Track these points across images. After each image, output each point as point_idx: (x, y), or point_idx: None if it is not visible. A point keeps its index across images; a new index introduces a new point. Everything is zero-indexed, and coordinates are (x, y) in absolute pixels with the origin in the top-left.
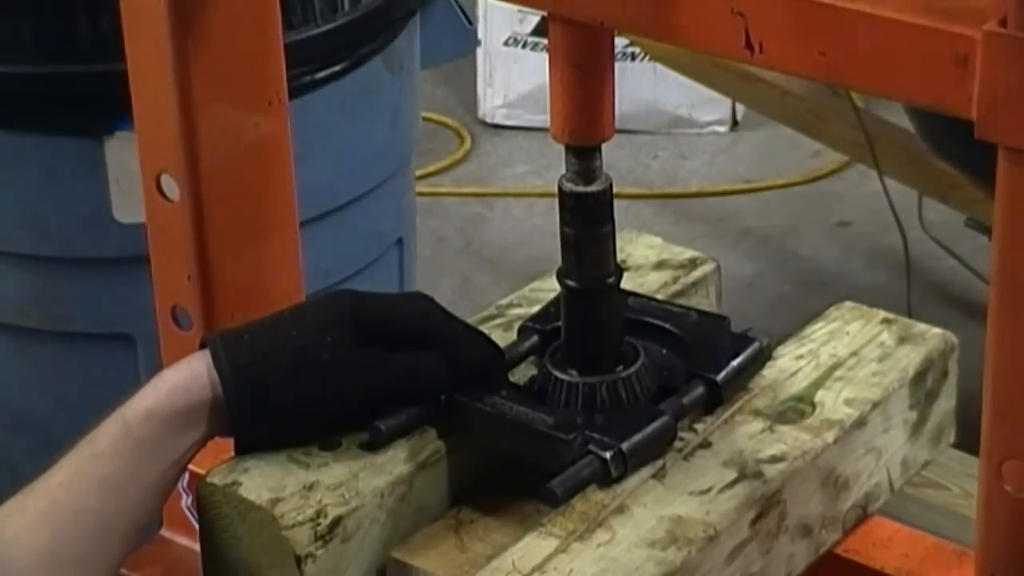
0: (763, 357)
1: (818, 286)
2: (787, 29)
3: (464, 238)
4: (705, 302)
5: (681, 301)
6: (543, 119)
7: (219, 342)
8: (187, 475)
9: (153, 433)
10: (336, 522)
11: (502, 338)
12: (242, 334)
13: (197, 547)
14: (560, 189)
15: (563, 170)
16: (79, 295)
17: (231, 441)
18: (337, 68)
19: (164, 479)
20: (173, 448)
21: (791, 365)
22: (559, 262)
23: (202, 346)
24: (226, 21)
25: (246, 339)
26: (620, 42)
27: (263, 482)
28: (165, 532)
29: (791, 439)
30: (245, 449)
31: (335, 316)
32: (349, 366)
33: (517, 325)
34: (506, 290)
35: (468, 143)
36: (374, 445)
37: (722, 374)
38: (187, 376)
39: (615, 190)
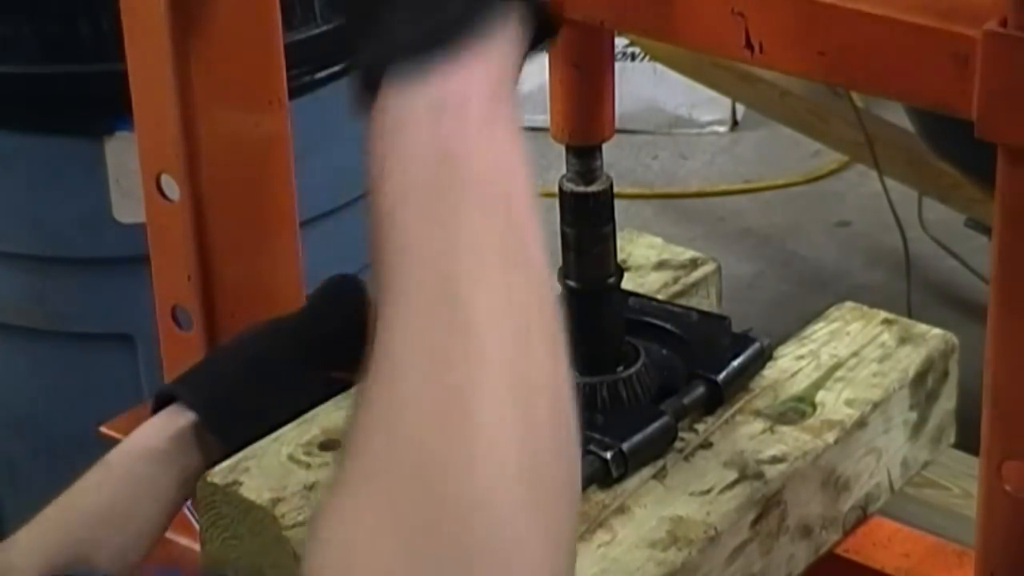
0: (763, 357)
1: (818, 286)
2: (787, 29)
3: None
4: (706, 302)
5: (682, 301)
6: (543, 119)
7: (175, 384)
8: None
9: (135, 469)
10: None
11: None
12: (194, 369)
13: (197, 547)
14: (560, 189)
15: (563, 170)
16: (79, 295)
17: None
18: (337, 68)
19: (147, 518)
20: (154, 484)
21: (792, 365)
22: (559, 262)
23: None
24: (226, 21)
25: (200, 368)
26: (620, 42)
27: (264, 482)
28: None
29: (792, 440)
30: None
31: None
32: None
33: None
34: None
35: None
36: None
37: (723, 374)
38: (159, 417)
39: (615, 190)
